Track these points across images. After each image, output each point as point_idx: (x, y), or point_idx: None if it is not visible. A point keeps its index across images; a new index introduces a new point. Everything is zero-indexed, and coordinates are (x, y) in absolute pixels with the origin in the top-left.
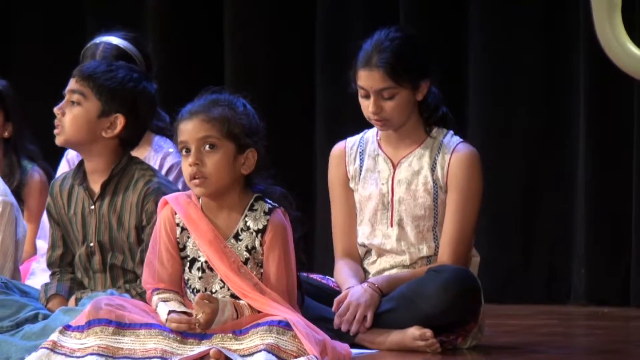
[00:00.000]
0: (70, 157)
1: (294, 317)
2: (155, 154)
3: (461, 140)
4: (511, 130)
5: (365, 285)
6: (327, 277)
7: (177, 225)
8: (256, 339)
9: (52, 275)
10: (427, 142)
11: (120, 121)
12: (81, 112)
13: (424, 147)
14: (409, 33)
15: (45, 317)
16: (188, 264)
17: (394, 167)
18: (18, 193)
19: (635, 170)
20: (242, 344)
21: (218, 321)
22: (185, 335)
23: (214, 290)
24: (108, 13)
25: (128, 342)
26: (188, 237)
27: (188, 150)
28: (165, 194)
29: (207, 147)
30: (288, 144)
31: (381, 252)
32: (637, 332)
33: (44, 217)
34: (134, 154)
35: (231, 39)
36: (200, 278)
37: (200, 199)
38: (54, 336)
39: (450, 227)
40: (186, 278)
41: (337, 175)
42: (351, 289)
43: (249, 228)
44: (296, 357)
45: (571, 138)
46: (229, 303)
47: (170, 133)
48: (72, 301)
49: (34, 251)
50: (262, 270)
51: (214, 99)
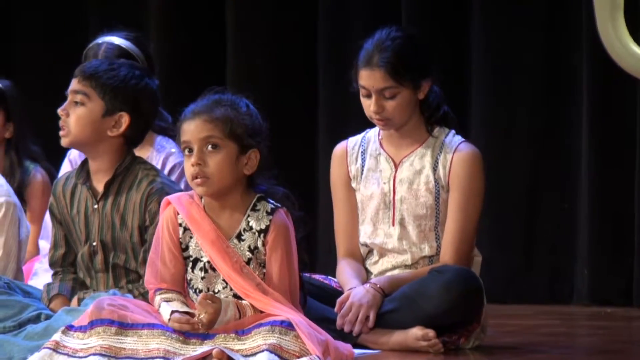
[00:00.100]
0: (73, 157)
1: (297, 317)
2: (157, 154)
3: (463, 139)
4: (513, 130)
5: (368, 285)
6: (329, 277)
7: (180, 225)
8: (259, 339)
9: (55, 275)
10: (428, 142)
11: (125, 119)
12: (85, 112)
13: (425, 146)
14: (410, 32)
15: (48, 318)
16: (191, 264)
17: (396, 166)
18: (20, 193)
19: (638, 171)
20: (244, 344)
21: (221, 321)
22: (188, 335)
23: (216, 291)
24: (110, 13)
25: (131, 342)
26: (191, 237)
27: (190, 150)
28: (169, 194)
29: (209, 147)
30: (290, 144)
31: (383, 252)
32: (639, 333)
33: (47, 217)
34: (136, 154)
35: (233, 39)
36: (202, 278)
37: (203, 199)
38: (57, 336)
39: (452, 227)
40: (189, 278)
41: (339, 175)
42: (353, 289)
43: (251, 228)
44: (299, 357)
45: (574, 138)
46: (232, 303)
47: (172, 133)
48: (74, 301)
49: (37, 251)
50: (264, 271)
51: (217, 99)
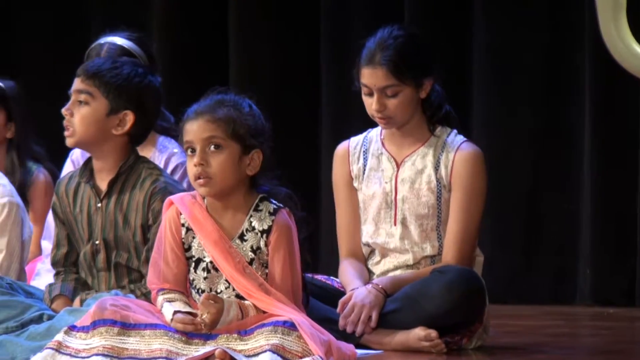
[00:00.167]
0: (75, 158)
1: (299, 318)
2: (159, 154)
3: (465, 139)
4: (515, 130)
5: (370, 286)
6: (331, 277)
7: (183, 225)
8: (261, 340)
9: (57, 275)
10: (430, 141)
11: (130, 118)
12: (90, 112)
13: (427, 145)
14: (412, 31)
15: (50, 318)
16: (193, 264)
17: (398, 165)
18: (23, 194)
19: None
20: (247, 344)
21: (223, 321)
22: (191, 335)
23: (219, 291)
24: (113, 13)
25: (133, 343)
26: (193, 238)
27: (193, 151)
28: (172, 193)
29: (212, 148)
30: (293, 144)
31: (385, 252)
32: None
33: (49, 217)
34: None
35: (236, 39)
36: (205, 278)
37: (205, 199)
38: (59, 336)
39: (454, 227)
40: (191, 278)
41: (341, 175)
42: (356, 290)
43: (254, 228)
44: (301, 358)
45: (576, 138)
46: (234, 303)
47: (174, 133)
48: (76, 302)
49: (39, 252)
50: (267, 271)
51: (220, 100)
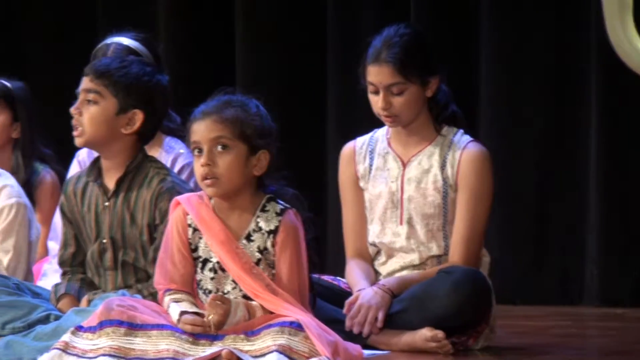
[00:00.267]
0: (82, 159)
1: (306, 318)
2: (166, 154)
3: (472, 139)
4: (523, 131)
5: (376, 287)
6: (338, 278)
7: (189, 226)
8: (268, 340)
9: (63, 275)
10: (437, 140)
11: (139, 116)
12: (99, 111)
13: (434, 145)
14: (418, 30)
15: (57, 318)
16: (200, 264)
17: (404, 165)
18: (30, 194)
19: None
20: (254, 344)
21: (230, 322)
22: (198, 336)
23: (226, 291)
24: (120, 15)
25: (140, 343)
26: (200, 238)
27: (200, 151)
28: (180, 193)
29: (219, 148)
30: (300, 144)
31: (391, 252)
32: None
33: (56, 218)
34: None
35: (242, 40)
36: (212, 279)
37: (212, 200)
38: (66, 337)
39: (460, 227)
40: (198, 279)
41: (347, 175)
42: (362, 291)
43: (260, 229)
44: (308, 358)
45: (583, 139)
46: (241, 304)
47: (181, 134)
48: (84, 302)
49: (46, 252)
50: (273, 271)
51: (227, 100)
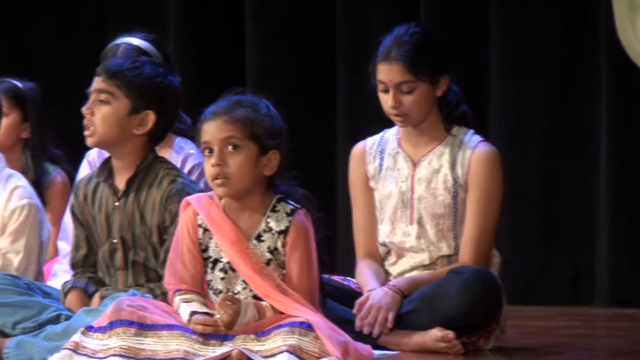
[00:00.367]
0: (92, 159)
1: (316, 319)
2: (176, 155)
3: (482, 139)
4: (533, 131)
5: (387, 287)
6: (348, 278)
7: (199, 226)
8: (278, 340)
9: (74, 276)
10: (447, 140)
11: (151, 117)
12: (111, 111)
13: (444, 145)
14: (429, 29)
15: (68, 318)
16: (210, 264)
17: (414, 165)
18: (40, 194)
19: None
20: (264, 345)
21: (240, 323)
22: (208, 336)
23: (236, 291)
24: (129, 17)
25: (150, 343)
26: (210, 238)
27: (211, 151)
28: (190, 194)
29: (230, 148)
30: (310, 144)
31: (401, 252)
32: None
33: (66, 218)
34: None
35: (252, 41)
36: (222, 279)
37: (223, 200)
38: (76, 337)
39: (471, 227)
40: (208, 279)
41: (358, 175)
42: (372, 291)
43: (271, 229)
44: (318, 358)
45: (593, 138)
46: (251, 304)
47: (191, 134)
48: (96, 299)
49: (56, 252)
50: (284, 272)
51: (237, 100)
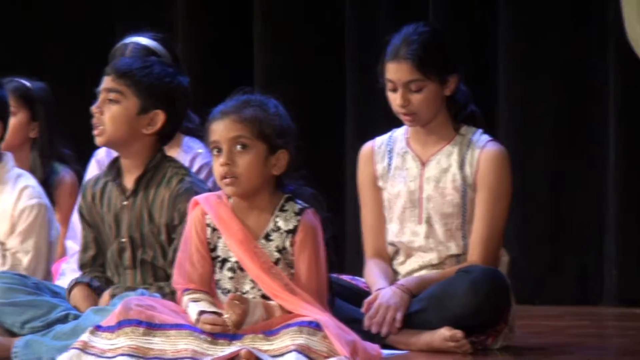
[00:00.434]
0: (100, 158)
1: (325, 318)
2: (185, 154)
3: (490, 138)
4: (540, 130)
5: (395, 287)
6: (356, 277)
7: (208, 225)
8: (287, 340)
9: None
10: (455, 140)
11: (160, 117)
12: (120, 110)
13: (452, 144)
14: (437, 28)
15: (76, 318)
16: (219, 264)
17: (423, 164)
18: (49, 194)
19: None
20: (272, 344)
21: (248, 322)
22: (216, 335)
23: (244, 291)
24: (137, 18)
25: (159, 343)
26: (219, 238)
27: (219, 150)
28: (198, 193)
29: (238, 147)
30: (318, 144)
31: (409, 252)
32: None
33: (74, 217)
34: None
35: (260, 40)
36: (231, 278)
37: (231, 199)
38: (85, 336)
39: (479, 226)
40: (217, 278)
41: (366, 175)
42: (381, 290)
43: (279, 228)
44: (327, 358)
45: (601, 137)
46: (260, 304)
47: (199, 134)
48: (105, 296)
49: (64, 252)
50: (292, 271)
51: (246, 100)
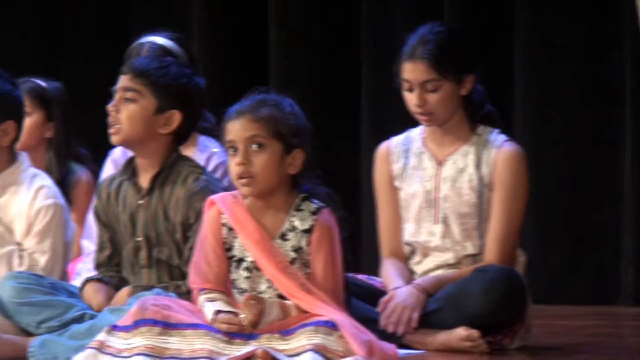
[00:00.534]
0: (116, 158)
1: (341, 318)
2: (200, 153)
3: (507, 138)
4: (557, 130)
5: (411, 286)
6: (372, 277)
7: (224, 225)
8: (303, 339)
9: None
10: (472, 140)
11: (177, 117)
12: (137, 110)
13: (469, 144)
14: (453, 28)
15: (92, 317)
16: (235, 264)
17: (439, 164)
18: (66, 194)
19: None
20: (288, 344)
21: (264, 322)
22: (232, 335)
23: (260, 290)
24: (153, 19)
25: (175, 342)
26: (235, 237)
27: (235, 150)
28: (213, 192)
29: (254, 147)
30: (334, 143)
31: (426, 251)
32: None
33: (90, 217)
34: None
35: (276, 40)
36: (247, 278)
37: (247, 199)
38: (101, 336)
39: (496, 226)
40: (233, 278)
41: (382, 174)
42: (397, 290)
43: (295, 228)
44: (343, 357)
45: (618, 137)
46: (276, 304)
47: (215, 133)
48: (124, 292)
49: (80, 251)
50: (308, 271)
51: (262, 99)
